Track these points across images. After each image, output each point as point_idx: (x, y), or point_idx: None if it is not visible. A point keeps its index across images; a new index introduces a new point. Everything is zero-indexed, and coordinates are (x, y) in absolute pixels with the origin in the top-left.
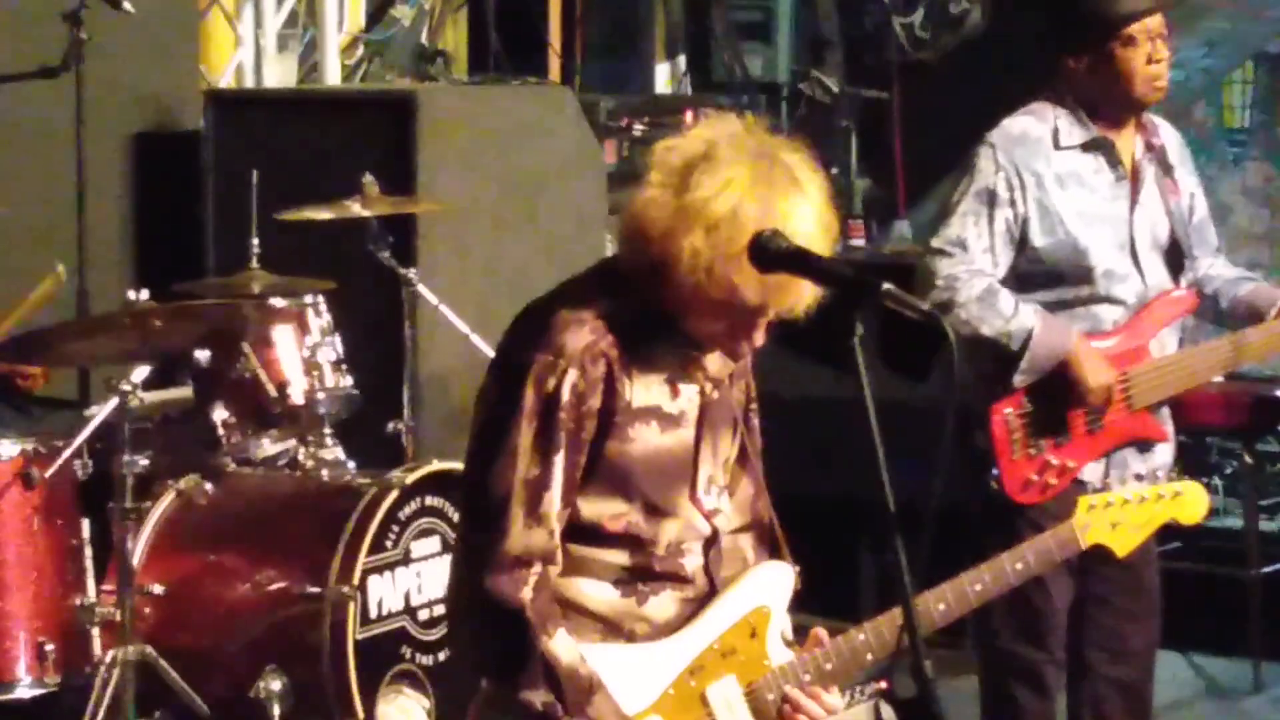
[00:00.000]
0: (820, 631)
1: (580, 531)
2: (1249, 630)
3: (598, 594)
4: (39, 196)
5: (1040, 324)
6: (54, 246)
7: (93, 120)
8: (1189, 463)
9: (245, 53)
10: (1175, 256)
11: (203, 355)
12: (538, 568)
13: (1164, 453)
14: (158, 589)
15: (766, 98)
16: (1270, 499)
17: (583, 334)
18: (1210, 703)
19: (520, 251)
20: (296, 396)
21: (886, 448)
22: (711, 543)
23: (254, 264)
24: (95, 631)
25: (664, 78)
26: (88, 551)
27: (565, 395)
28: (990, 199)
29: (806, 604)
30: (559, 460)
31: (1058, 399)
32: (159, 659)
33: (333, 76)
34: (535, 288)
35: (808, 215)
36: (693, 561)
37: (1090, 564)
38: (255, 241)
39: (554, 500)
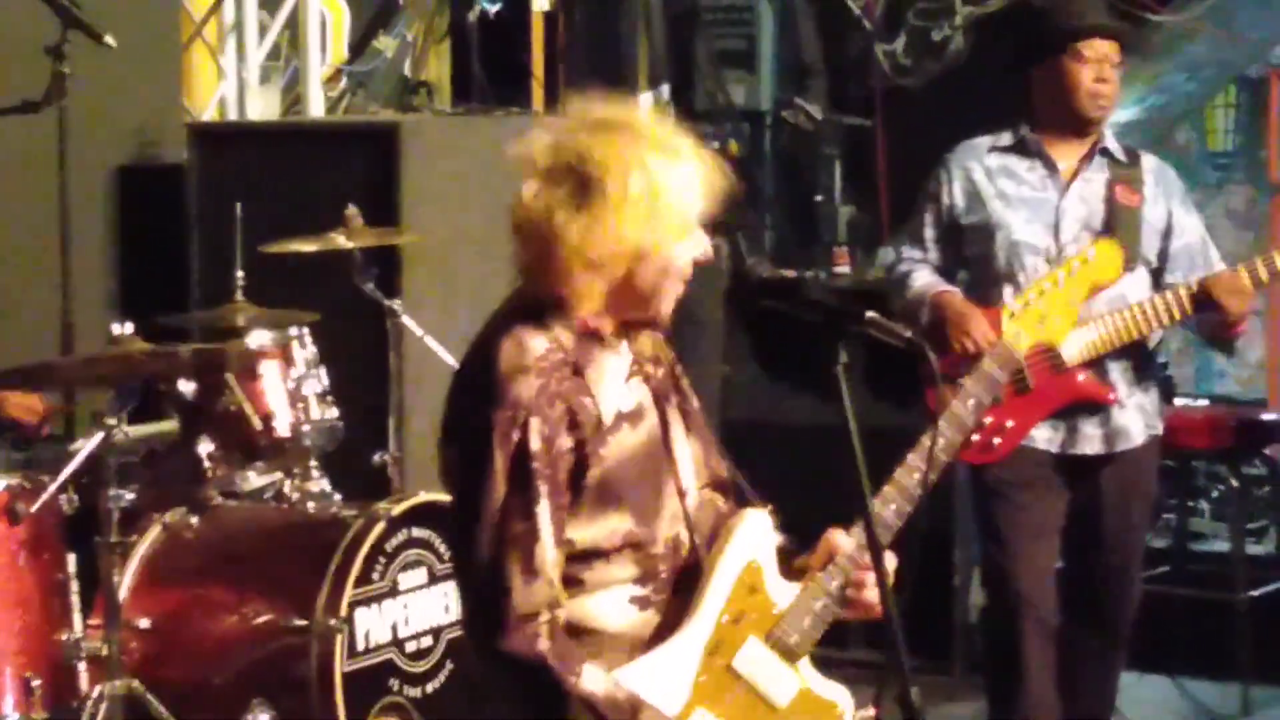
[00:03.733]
0: (837, 533)
1: (583, 557)
2: (1237, 654)
3: (618, 615)
4: (22, 230)
5: (923, 282)
6: (38, 280)
7: (76, 154)
8: (1175, 487)
9: (228, 85)
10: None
11: (188, 389)
12: (545, 615)
13: (1120, 415)
14: (144, 623)
15: (750, 125)
16: (1257, 522)
17: (531, 380)
18: None
19: (505, 282)
20: (282, 429)
21: (871, 474)
22: (691, 523)
23: (238, 296)
24: (82, 666)
25: (647, 106)
26: (74, 586)
27: (535, 444)
28: (925, 196)
29: None
30: (542, 510)
31: (951, 351)
32: (146, 693)
33: (316, 108)
34: None
35: (691, 176)
36: (685, 549)
37: (1076, 538)
38: (240, 274)
39: (546, 550)
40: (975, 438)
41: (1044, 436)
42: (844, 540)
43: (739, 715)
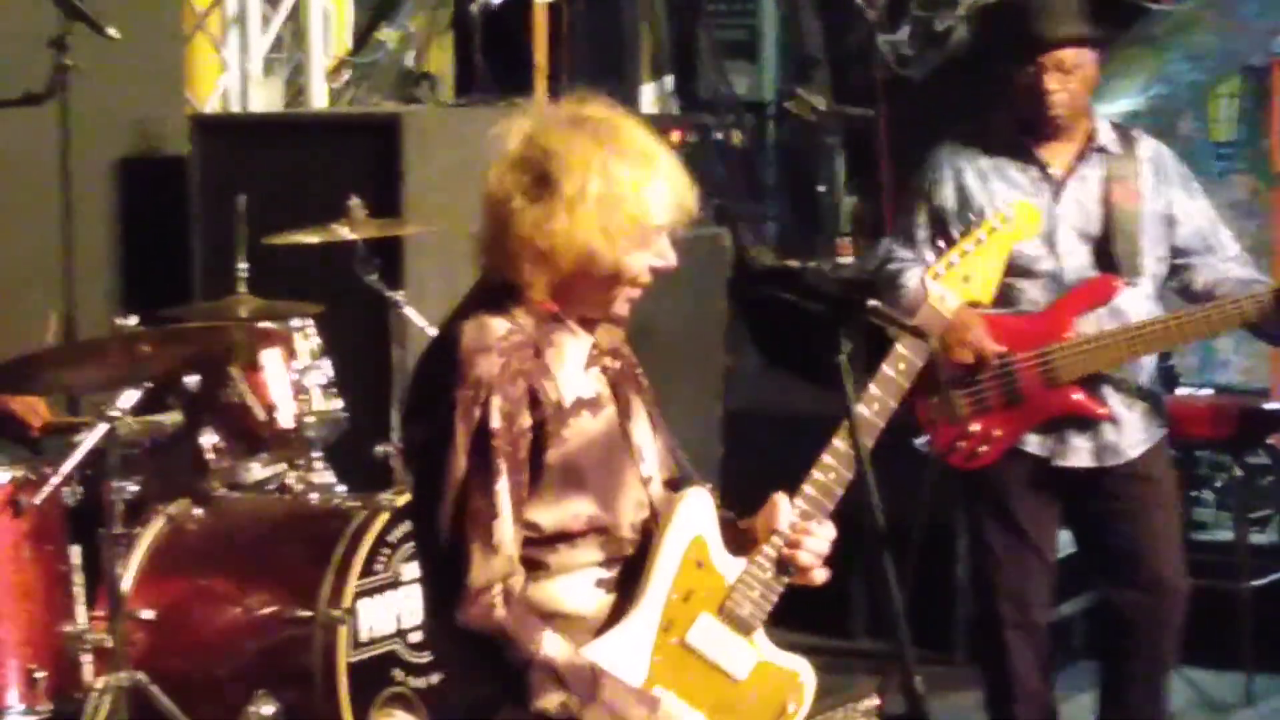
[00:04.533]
0: (780, 497)
1: (550, 540)
2: (1241, 643)
3: (582, 596)
4: (24, 222)
5: (914, 283)
6: (40, 273)
7: (78, 146)
8: (1178, 476)
9: (231, 77)
10: (1107, 250)
11: (191, 380)
12: (500, 587)
13: (1112, 432)
14: (148, 615)
15: (753, 116)
16: (1260, 512)
17: (493, 359)
18: (1202, 716)
19: None
20: (285, 420)
21: (874, 465)
22: (654, 511)
23: (241, 288)
24: (86, 658)
25: (650, 97)
26: (77, 578)
27: (496, 422)
28: (913, 194)
29: (796, 622)
30: (502, 487)
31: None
32: (150, 685)
33: (318, 100)
34: None
35: (657, 188)
36: (649, 534)
37: (1092, 538)
38: (243, 266)
39: (505, 526)
40: (961, 444)
41: (1034, 441)
42: (784, 507)
43: (699, 691)
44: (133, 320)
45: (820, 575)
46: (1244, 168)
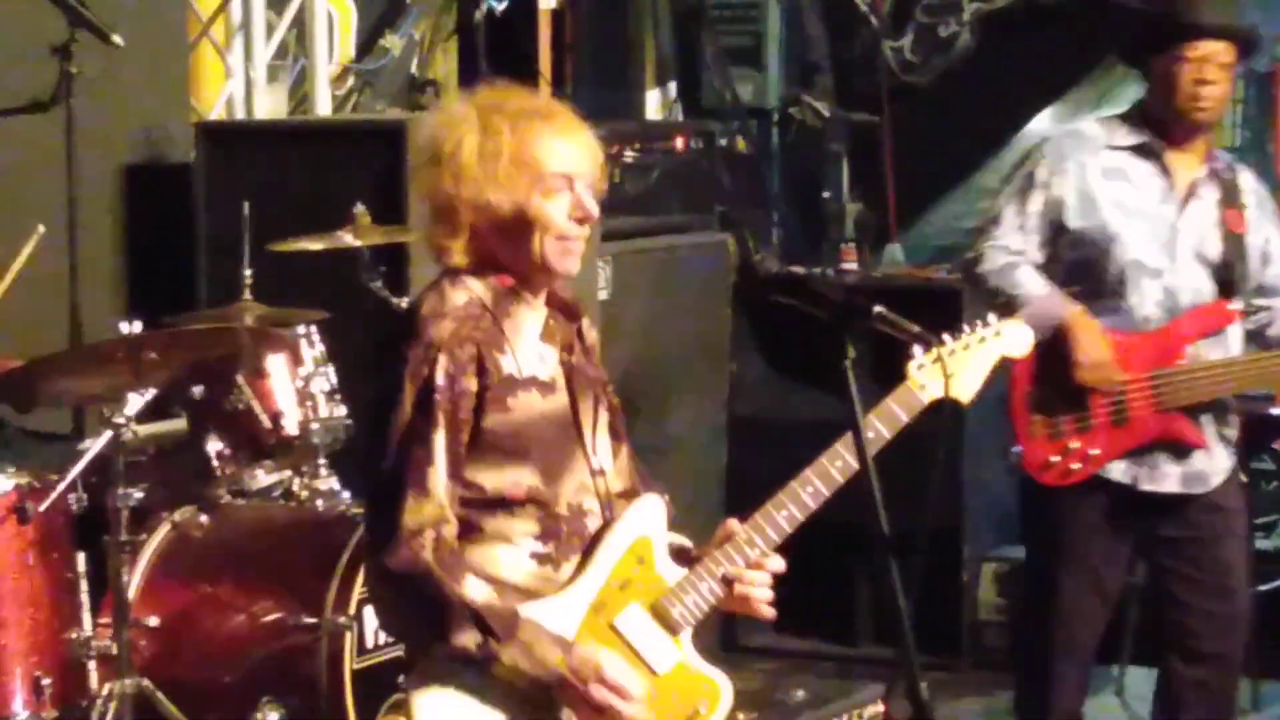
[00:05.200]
0: (733, 522)
1: (490, 505)
2: (1246, 648)
3: (516, 565)
4: (31, 229)
5: (1046, 293)
6: (46, 279)
7: (83, 153)
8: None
9: (235, 84)
10: (1223, 277)
11: (196, 387)
12: (431, 532)
13: (1202, 460)
14: (154, 622)
15: (757, 123)
16: (1265, 518)
17: (446, 324)
18: None
19: None
20: (290, 427)
21: (880, 471)
22: (606, 503)
23: (246, 295)
24: (92, 665)
25: (654, 104)
26: (83, 585)
27: (439, 379)
28: (1029, 180)
29: (802, 629)
30: (438, 438)
31: (1063, 376)
32: (156, 691)
33: (323, 107)
34: None
35: (547, 138)
36: (594, 522)
37: (1167, 569)
38: (248, 273)
39: (439, 474)
40: (1055, 459)
41: (1119, 468)
42: (738, 529)
43: None
44: (138, 327)
45: (768, 612)
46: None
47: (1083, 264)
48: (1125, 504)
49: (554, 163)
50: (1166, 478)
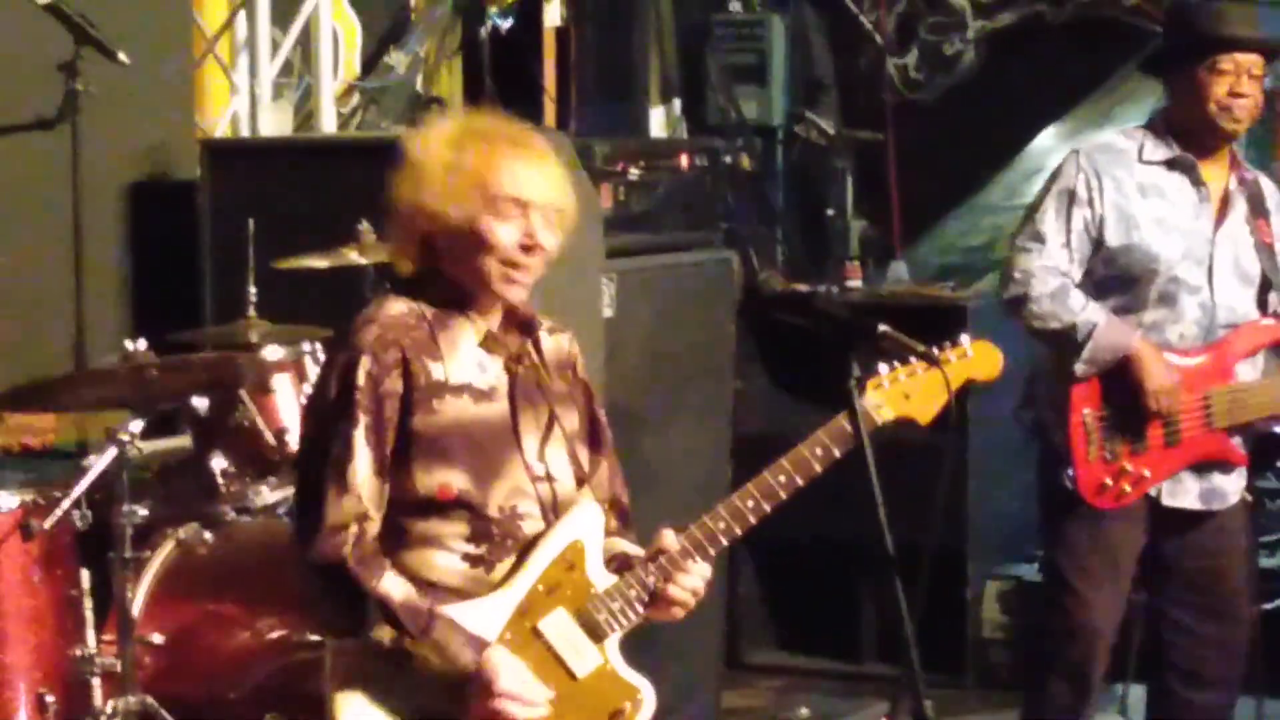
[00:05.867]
0: (668, 532)
1: (420, 507)
2: (1251, 667)
3: (446, 565)
4: (36, 247)
5: (1105, 320)
6: (51, 297)
7: (88, 171)
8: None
9: (240, 102)
10: (1260, 292)
11: (201, 404)
12: (354, 528)
13: (1220, 476)
14: (158, 639)
15: (762, 140)
16: (1270, 535)
17: (373, 329)
18: None
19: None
20: (295, 444)
21: (885, 488)
22: (550, 508)
23: (251, 312)
24: (96, 682)
25: (659, 122)
26: (87, 602)
27: (360, 380)
28: (1070, 198)
29: (807, 646)
30: (358, 435)
31: (1131, 403)
32: (160, 709)
33: (328, 124)
34: None
35: (505, 161)
36: (531, 526)
37: (1168, 590)
38: (252, 290)
39: (358, 471)
40: (1109, 482)
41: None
42: (671, 541)
43: (535, 672)
44: (142, 344)
45: (679, 613)
46: None
47: (1117, 280)
48: (1144, 521)
49: (510, 186)
50: (1187, 493)
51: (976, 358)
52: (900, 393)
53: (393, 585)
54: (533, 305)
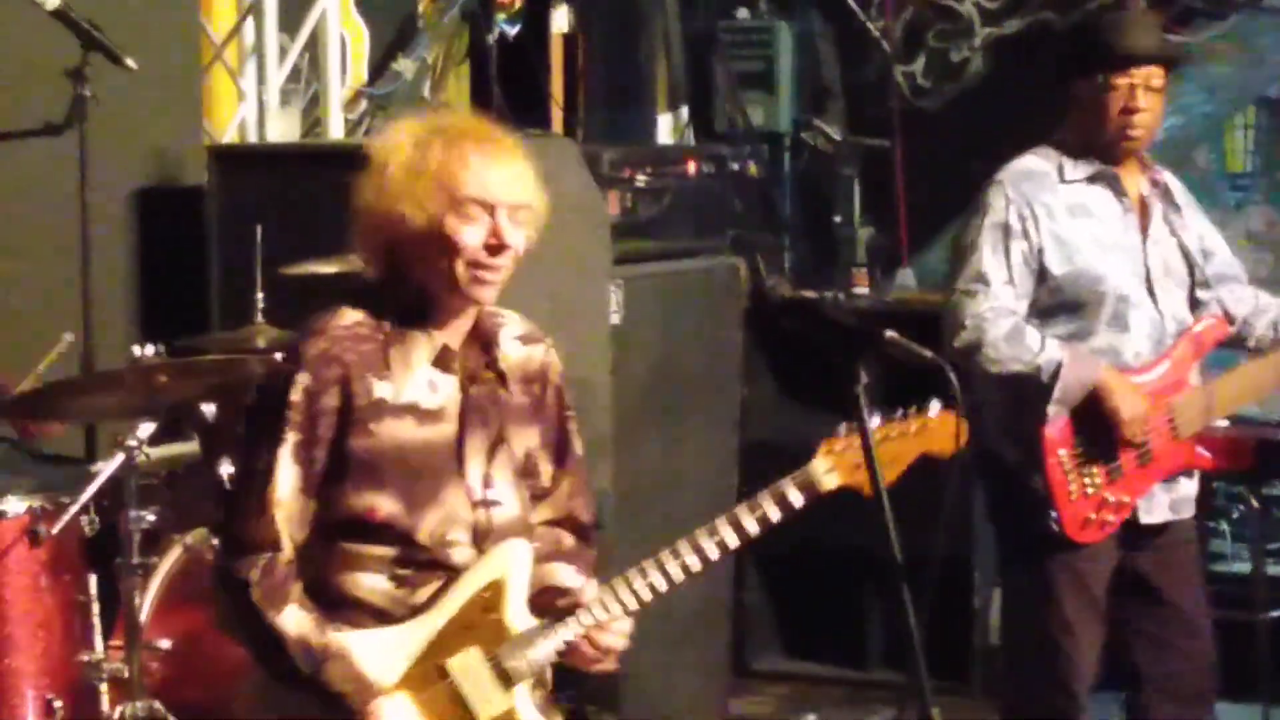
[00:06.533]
0: (590, 584)
1: (347, 527)
2: (1258, 675)
3: (372, 585)
4: (43, 253)
5: (1068, 355)
6: (58, 303)
7: (96, 176)
8: (1195, 508)
9: (248, 108)
10: (1190, 289)
11: (208, 410)
12: (266, 554)
13: (1185, 484)
14: (165, 644)
15: (769, 147)
16: (1277, 543)
17: (319, 343)
18: None
19: (523, 303)
20: None
21: (892, 496)
22: (485, 535)
23: (259, 318)
24: (103, 687)
25: (667, 128)
26: (95, 608)
27: (295, 396)
28: (1005, 231)
29: (814, 651)
30: (284, 453)
31: (1103, 435)
32: (167, 714)
33: (336, 131)
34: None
35: (470, 160)
36: (461, 554)
37: (1137, 605)
38: (260, 296)
39: (279, 489)
40: (1093, 516)
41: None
42: (590, 591)
43: (436, 711)
44: (150, 350)
45: (601, 668)
46: (1260, 199)
47: (1063, 308)
48: (1115, 545)
49: (474, 187)
50: (1160, 507)
51: (936, 430)
52: (850, 463)
53: (290, 620)
54: (512, 313)
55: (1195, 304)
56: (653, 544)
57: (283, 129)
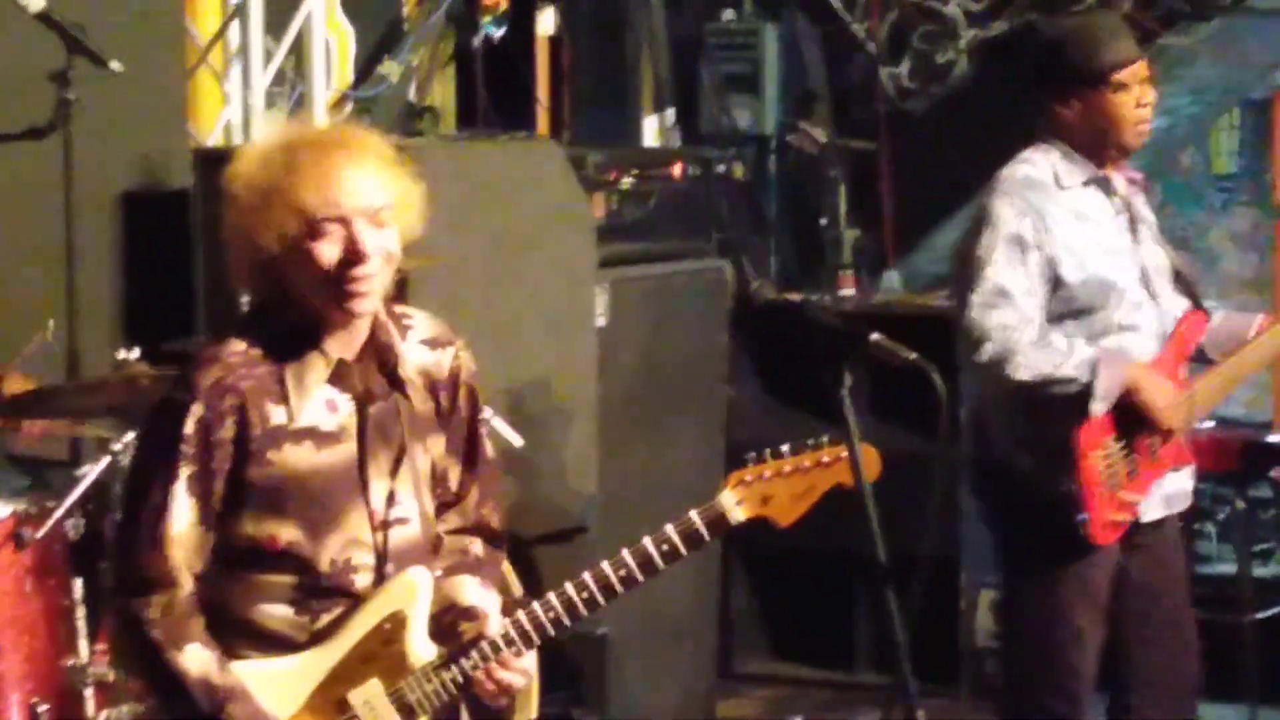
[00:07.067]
0: (494, 616)
1: (246, 556)
2: (1244, 676)
3: (275, 614)
4: (28, 256)
5: (1093, 353)
6: (43, 306)
7: (81, 180)
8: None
9: (233, 111)
10: (1180, 282)
11: None
12: (166, 591)
13: (1185, 478)
14: None
15: (754, 149)
16: (1263, 544)
17: (213, 371)
18: None
19: (510, 306)
20: None
21: (878, 497)
22: (388, 556)
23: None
24: (89, 692)
25: (652, 130)
26: (80, 612)
27: (188, 429)
28: (1020, 243)
29: (800, 654)
30: (179, 489)
31: (1130, 433)
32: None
33: None
34: (525, 341)
35: (314, 173)
36: (365, 579)
37: (1126, 603)
38: (245, 299)
39: (175, 524)
40: (1113, 517)
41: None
42: (494, 627)
43: None
44: (135, 353)
45: (498, 704)
46: (1245, 200)
47: (1073, 314)
48: (1117, 547)
49: (322, 205)
50: (1156, 503)
51: (847, 464)
52: (759, 495)
53: (192, 660)
54: (420, 314)
55: (1187, 295)
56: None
57: (268, 132)
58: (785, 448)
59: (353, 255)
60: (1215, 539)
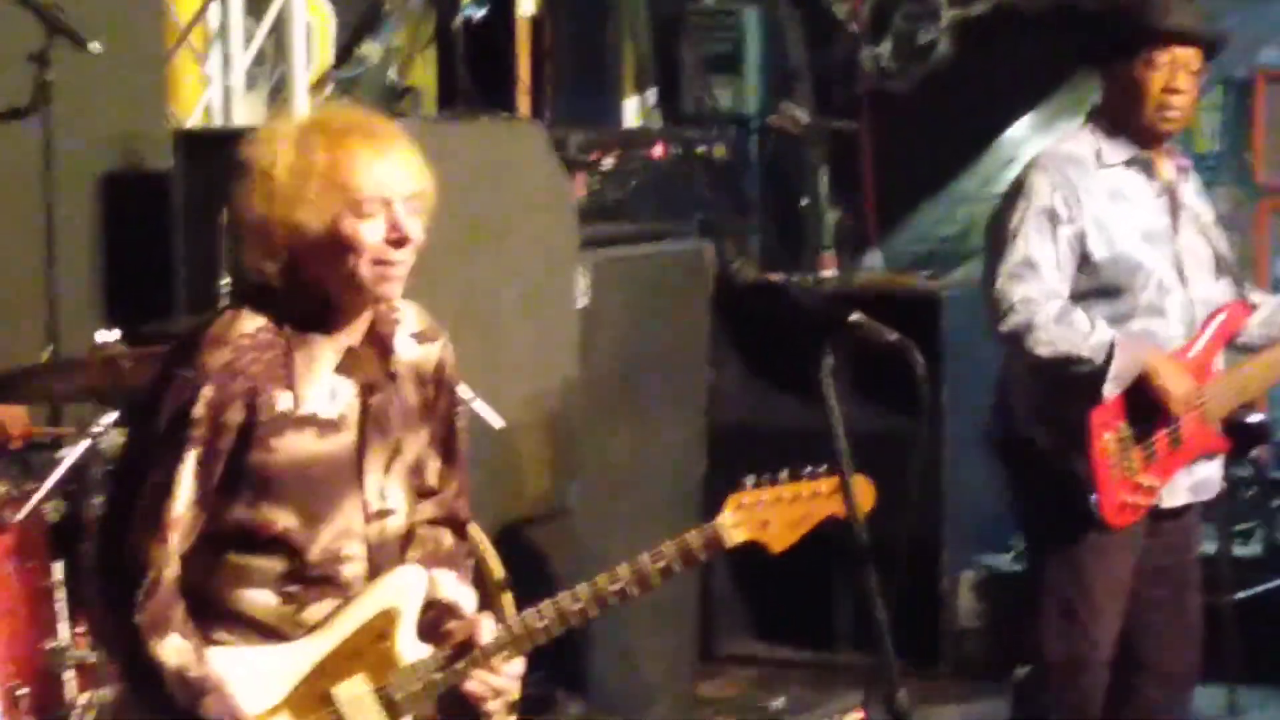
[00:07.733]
0: (486, 621)
1: (235, 539)
2: (1225, 656)
3: (259, 600)
4: (7, 238)
5: (1118, 335)
6: (22, 288)
7: (60, 161)
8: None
9: (213, 92)
10: (1219, 272)
11: None
12: (152, 574)
13: (1207, 466)
14: None
15: (736, 130)
16: (1244, 525)
17: (223, 353)
18: None
19: (491, 287)
20: None
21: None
22: (378, 547)
23: (224, 303)
24: (69, 675)
25: (633, 111)
26: (60, 594)
27: (198, 410)
28: (1052, 216)
29: (782, 634)
30: (184, 470)
31: (1145, 417)
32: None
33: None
34: (507, 323)
35: (360, 158)
36: (353, 569)
37: (1140, 587)
38: (225, 281)
39: (175, 507)
40: (1128, 499)
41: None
42: (486, 629)
43: None
44: (115, 335)
45: (492, 707)
46: (1227, 180)
47: (1101, 292)
48: (1140, 531)
49: (368, 184)
50: (1180, 490)
51: (835, 496)
52: (759, 519)
53: (170, 650)
54: (409, 306)
55: (1222, 286)
56: (619, 527)
57: (248, 113)
58: (784, 474)
59: (396, 236)
60: None
